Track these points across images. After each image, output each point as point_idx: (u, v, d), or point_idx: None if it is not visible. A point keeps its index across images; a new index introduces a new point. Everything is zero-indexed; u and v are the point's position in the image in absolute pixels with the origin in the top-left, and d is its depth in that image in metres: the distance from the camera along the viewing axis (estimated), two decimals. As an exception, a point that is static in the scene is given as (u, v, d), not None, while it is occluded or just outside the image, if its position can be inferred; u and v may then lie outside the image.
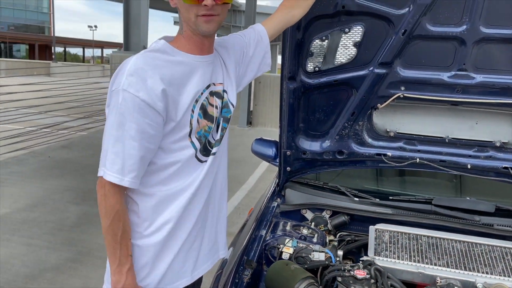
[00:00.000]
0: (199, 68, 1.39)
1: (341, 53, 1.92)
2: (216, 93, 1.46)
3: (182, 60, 1.36)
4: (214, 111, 1.45)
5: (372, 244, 1.74)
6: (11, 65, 28.01)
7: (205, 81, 1.41)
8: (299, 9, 1.66)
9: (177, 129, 1.35)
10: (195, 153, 1.42)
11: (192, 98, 1.36)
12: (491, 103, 1.93)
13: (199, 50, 1.39)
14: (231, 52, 1.57)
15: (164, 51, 1.33)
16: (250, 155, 7.32)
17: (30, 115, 8.21)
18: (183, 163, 1.40)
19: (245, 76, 1.65)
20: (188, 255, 1.49)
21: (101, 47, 53.91)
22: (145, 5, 10.23)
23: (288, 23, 1.68)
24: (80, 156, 6.81)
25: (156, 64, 1.28)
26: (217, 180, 1.57)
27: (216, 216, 1.62)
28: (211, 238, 1.60)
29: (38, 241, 3.77)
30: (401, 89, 1.97)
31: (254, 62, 1.65)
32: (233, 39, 1.62)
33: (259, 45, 1.64)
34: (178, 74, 1.33)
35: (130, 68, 1.25)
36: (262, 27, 1.65)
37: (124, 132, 1.24)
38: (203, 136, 1.43)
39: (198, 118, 1.38)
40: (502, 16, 1.73)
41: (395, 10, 1.78)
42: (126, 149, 1.25)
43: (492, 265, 1.63)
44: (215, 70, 1.47)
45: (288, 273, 1.58)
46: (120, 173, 1.26)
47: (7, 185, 5.24)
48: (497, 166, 2.05)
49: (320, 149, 2.17)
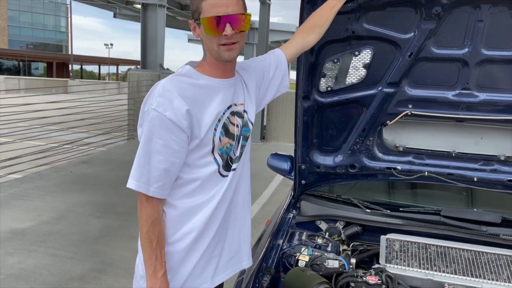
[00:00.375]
0: (221, 90, 1.51)
1: (351, 74, 2.03)
2: (237, 113, 1.57)
3: (206, 83, 1.48)
4: (235, 129, 1.56)
5: (383, 253, 1.82)
6: (30, 83, 28.83)
7: (227, 102, 1.53)
8: (314, 35, 1.78)
9: (201, 146, 1.46)
10: (218, 168, 1.53)
11: (214, 117, 1.47)
12: (494, 119, 2.02)
13: (221, 74, 1.52)
14: (252, 74, 1.68)
15: (189, 76, 1.47)
16: (264, 170, 7.46)
17: (52, 132, 8.50)
18: (207, 178, 1.51)
19: (265, 97, 1.76)
20: (208, 262, 1.59)
21: (116, 64, 54.81)
22: (161, 25, 10.56)
23: (305, 47, 1.80)
24: (100, 171, 7.01)
25: (182, 87, 1.41)
26: (239, 194, 1.66)
27: (239, 228, 1.70)
28: (232, 247, 1.68)
29: (63, 252, 3.93)
30: (409, 107, 2.07)
31: (273, 84, 1.76)
32: (254, 62, 1.74)
33: (279, 68, 1.75)
34: (201, 96, 1.45)
35: (159, 90, 1.39)
36: (281, 52, 1.77)
37: (151, 146, 1.37)
38: (225, 152, 1.54)
39: (220, 136, 1.50)
40: (502, 39, 1.83)
41: (402, 35, 1.89)
42: (152, 162, 1.38)
43: (498, 272, 1.70)
44: (236, 92, 1.58)
45: (305, 278, 1.67)
46: (146, 183, 1.39)
47: (31, 199, 5.45)
48: (502, 179, 2.13)
49: (333, 163, 2.27)
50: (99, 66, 55.50)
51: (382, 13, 1.86)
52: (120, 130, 10.41)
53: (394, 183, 2.47)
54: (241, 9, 1.42)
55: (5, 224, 4.57)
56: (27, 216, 4.85)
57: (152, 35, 10.42)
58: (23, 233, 4.34)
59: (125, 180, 1.42)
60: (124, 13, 17.64)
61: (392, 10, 1.85)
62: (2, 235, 4.27)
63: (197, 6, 1.42)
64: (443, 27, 1.85)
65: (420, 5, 1.80)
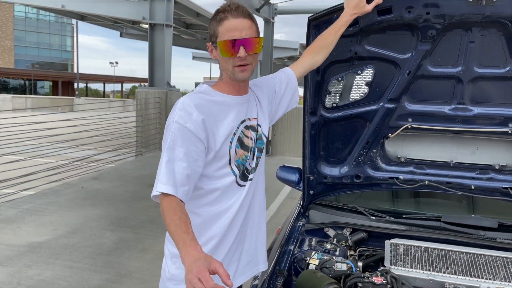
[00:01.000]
0: (235, 106, 1.65)
1: (355, 91, 2.17)
2: (251, 127, 1.70)
3: (221, 100, 1.62)
4: (250, 142, 1.69)
5: (388, 256, 1.94)
6: (36, 101, 29.20)
7: (240, 117, 1.66)
8: (321, 56, 1.92)
9: (218, 158, 1.59)
10: (235, 179, 1.65)
11: (229, 131, 1.60)
12: (488, 131, 2.15)
13: (236, 92, 1.66)
14: (265, 91, 1.82)
15: (206, 93, 1.62)
16: (271, 184, 7.64)
17: (61, 149, 8.71)
18: (226, 188, 1.63)
19: (277, 112, 1.89)
20: (229, 266, 1.69)
21: (121, 82, 55.35)
22: (168, 44, 10.83)
23: (312, 66, 1.94)
24: (111, 187, 7.17)
25: (199, 102, 1.56)
26: (255, 202, 1.78)
27: (256, 234, 1.82)
28: (249, 252, 1.80)
29: (80, 264, 4.07)
30: (409, 120, 2.21)
31: (284, 100, 1.90)
32: (266, 80, 1.88)
33: (289, 85, 1.89)
34: (217, 111, 1.59)
35: (179, 106, 1.54)
36: (291, 71, 1.91)
37: (174, 154, 1.48)
38: (241, 164, 1.66)
39: (235, 149, 1.63)
40: (492, 58, 1.96)
41: (400, 55, 2.03)
42: (176, 168, 1.46)
43: (495, 272, 1.82)
44: (250, 107, 1.71)
45: (315, 279, 1.79)
46: (174, 186, 1.44)
47: (46, 214, 5.61)
48: (498, 187, 2.25)
49: (339, 174, 2.40)
50: (104, 84, 56.06)
51: (382, 35, 2.00)
52: (128, 147, 10.61)
53: (397, 191, 2.60)
54: (254, 33, 1.56)
55: (22, 238, 4.73)
56: (43, 230, 5.01)
57: (159, 54, 10.70)
58: (40, 247, 4.49)
59: (135, 195, 1.54)
60: (130, 33, 18.00)
61: (391, 33, 1.99)
62: (20, 249, 4.42)
63: (214, 31, 1.57)
64: (438, 48, 1.98)
65: (416, 29, 1.93)
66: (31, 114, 11.66)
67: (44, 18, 60.62)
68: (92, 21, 16.12)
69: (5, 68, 49.25)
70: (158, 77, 10.70)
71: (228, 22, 1.53)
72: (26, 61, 57.45)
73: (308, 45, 1.98)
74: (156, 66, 10.71)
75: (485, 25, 1.87)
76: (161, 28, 10.79)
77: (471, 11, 1.81)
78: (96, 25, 17.04)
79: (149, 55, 10.87)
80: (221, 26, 1.54)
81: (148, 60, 10.88)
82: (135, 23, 15.03)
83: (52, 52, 63.33)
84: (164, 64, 10.64)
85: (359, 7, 1.84)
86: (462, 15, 1.84)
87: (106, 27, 17.46)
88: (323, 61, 1.95)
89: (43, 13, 56.64)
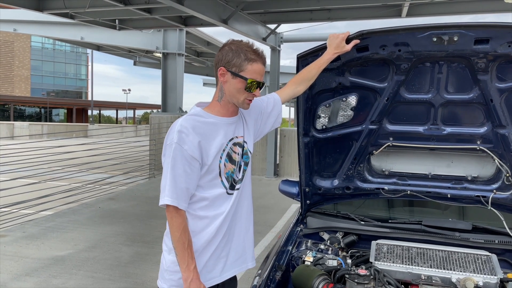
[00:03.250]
0: (225, 126, 1.88)
1: (341, 115, 2.43)
2: (238, 143, 1.93)
3: (213, 121, 1.85)
4: (237, 157, 1.92)
5: (373, 253, 2.21)
6: (52, 128, 30.04)
7: (229, 135, 1.89)
8: (302, 86, 2.19)
9: (209, 171, 1.83)
10: (225, 190, 1.89)
11: (219, 148, 1.83)
12: (460, 148, 2.41)
13: (228, 114, 1.90)
14: (251, 112, 2.04)
15: (200, 115, 1.85)
16: (278, 202, 7.98)
17: (77, 172, 9.14)
18: (217, 196, 1.87)
19: (263, 130, 2.14)
20: (217, 261, 1.93)
21: (133, 109, 56.16)
22: (180, 72, 11.35)
23: (294, 95, 2.21)
24: (126, 206, 7.54)
25: (195, 124, 1.79)
26: (242, 207, 2.00)
27: (243, 235, 2.03)
28: (237, 251, 2.01)
29: (100, 275, 4.41)
30: (390, 139, 2.46)
31: (270, 120, 2.15)
32: (254, 102, 2.02)
33: (275, 108, 2.15)
34: (210, 131, 1.82)
35: (178, 127, 1.76)
36: (277, 96, 2.18)
37: (175, 172, 1.74)
38: (230, 176, 1.90)
39: (225, 163, 1.86)
40: (459, 85, 2.19)
41: (379, 84, 2.28)
42: (177, 183, 1.74)
43: (466, 266, 2.04)
44: (237, 126, 1.94)
45: (309, 271, 2.10)
46: (177, 199, 1.75)
47: (67, 231, 5.99)
48: (471, 195, 2.50)
49: (331, 186, 2.68)
50: (117, 110, 57.00)
51: (362, 68, 2.28)
52: (141, 170, 11.02)
53: (383, 200, 2.89)
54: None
55: (46, 252, 5.10)
56: (65, 245, 5.37)
57: (171, 81, 11.23)
58: (63, 260, 4.85)
59: (149, 213, 1.89)
60: (143, 61, 18.68)
61: (370, 65, 2.26)
62: (45, 261, 4.78)
63: (240, 63, 1.79)
64: (411, 78, 2.22)
65: (391, 63, 2.17)
66: (46, 139, 12.16)
67: (60, 48, 62.45)
68: (107, 51, 16.86)
69: (21, 97, 50.50)
70: (170, 103, 11.20)
71: (257, 65, 1.81)
72: (42, 90, 58.77)
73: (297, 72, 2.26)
74: (169, 93, 11.23)
75: (449, 60, 2.11)
76: (174, 57, 11.35)
77: (436, 49, 2.05)
78: (111, 54, 17.78)
79: (162, 82, 11.40)
80: (251, 65, 1.79)
81: (161, 87, 11.42)
82: (149, 52, 15.67)
83: (67, 80, 64.77)
84: (176, 90, 11.14)
85: (340, 47, 2.11)
86: (429, 52, 2.07)
87: (121, 56, 18.18)
88: (304, 91, 2.22)
89: (59, 44, 58.36)
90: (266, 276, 2.15)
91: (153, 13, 8.90)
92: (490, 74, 2.12)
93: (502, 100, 2.18)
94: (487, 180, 2.48)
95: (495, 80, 2.13)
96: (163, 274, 1.93)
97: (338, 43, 2.12)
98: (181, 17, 9.76)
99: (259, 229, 6.04)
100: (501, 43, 1.98)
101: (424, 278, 2.04)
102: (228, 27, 8.55)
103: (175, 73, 11.18)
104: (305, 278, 2.09)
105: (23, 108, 52.48)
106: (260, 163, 11.45)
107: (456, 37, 1.99)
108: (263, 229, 6.14)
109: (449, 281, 2.01)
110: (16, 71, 55.72)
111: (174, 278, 1.88)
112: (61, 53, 63.48)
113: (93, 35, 11.99)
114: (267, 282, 2.11)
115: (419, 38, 2.05)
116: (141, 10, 8.70)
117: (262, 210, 7.05)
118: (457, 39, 2.00)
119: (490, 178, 2.48)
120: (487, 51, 2.02)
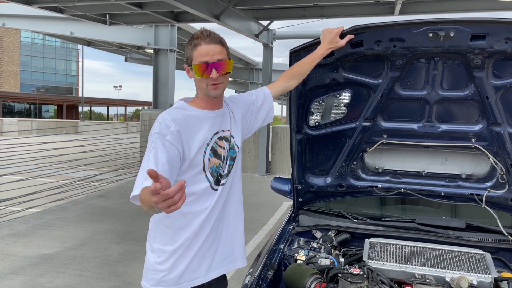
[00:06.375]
0: (209, 120, 1.83)
1: (335, 112, 2.39)
2: (224, 138, 1.88)
3: (196, 114, 1.81)
4: (223, 151, 1.86)
5: (366, 252, 2.19)
6: (42, 124, 29.68)
7: (214, 129, 1.84)
8: (294, 81, 2.13)
9: (193, 166, 1.76)
10: (209, 184, 1.83)
11: (202, 142, 1.78)
12: (454, 145, 2.39)
13: (210, 107, 1.85)
14: (240, 106, 2.01)
15: (183, 108, 1.82)
16: (270, 200, 7.95)
17: (66, 169, 9.04)
18: (202, 192, 1.81)
19: (254, 125, 2.09)
20: (202, 260, 1.87)
21: (124, 106, 55.75)
22: (171, 68, 11.27)
23: (286, 89, 2.15)
24: (116, 204, 7.46)
25: (176, 116, 1.75)
26: (230, 205, 1.94)
27: (232, 234, 1.97)
28: (225, 250, 1.94)
29: (88, 273, 4.33)
30: (384, 136, 2.44)
31: (261, 115, 2.10)
32: (242, 97, 2.07)
33: (265, 102, 2.10)
34: (192, 124, 1.78)
35: (159, 119, 1.73)
36: (268, 90, 2.13)
37: (157, 160, 1.61)
38: (215, 171, 1.84)
39: (209, 157, 1.81)
40: (454, 82, 2.17)
41: (373, 80, 2.24)
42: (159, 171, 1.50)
43: (460, 265, 2.03)
44: (224, 120, 1.89)
45: (301, 271, 2.07)
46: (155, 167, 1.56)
47: (55, 229, 5.89)
48: (465, 193, 2.49)
49: (324, 184, 2.66)
50: (108, 107, 56.58)
51: (356, 64, 2.24)
52: (132, 167, 10.92)
53: (376, 198, 2.87)
54: (224, 56, 1.75)
55: (33, 250, 5.00)
56: (53, 243, 5.28)
57: (163, 78, 11.14)
58: (51, 258, 4.76)
59: (140, 211, 1.79)
60: (135, 57, 18.52)
61: (364, 61, 2.23)
62: (32, 260, 4.69)
63: (189, 54, 1.76)
64: (406, 74, 2.19)
65: (386, 59, 2.14)
66: (35, 135, 12.01)
67: (50, 43, 61.84)
68: (98, 47, 16.67)
69: (10, 93, 49.86)
70: (162, 99, 11.11)
71: (201, 47, 1.73)
72: (31, 86, 58.26)
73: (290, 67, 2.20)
74: (160, 89, 11.14)
75: (445, 56, 2.08)
76: (165, 53, 11.26)
77: (432, 45, 2.02)
78: (101, 50, 17.59)
79: (153, 78, 11.31)
80: (195, 51, 1.73)
81: (152, 83, 11.32)
82: (140, 48, 15.52)
83: (57, 76, 64.28)
84: (168, 87, 11.06)
85: (334, 42, 2.06)
86: (424, 48, 2.04)
87: (111, 52, 18.00)
88: (296, 85, 2.16)
89: (49, 39, 57.81)
90: (257, 275, 2.12)
91: (144, 7, 8.79)
92: (486, 71, 2.09)
93: (498, 97, 2.16)
94: (481, 178, 2.48)
95: (491, 77, 2.11)
96: (146, 273, 1.90)
97: (332, 38, 2.08)
98: (173, 12, 9.66)
99: (251, 227, 6.00)
100: (498, 39, 1.95)
101: (418, 277, 2.02)
102: (221, 23, 8.48)
103: (167, 70, 11.10)
104: (297, 277, 2.06)
105: (12, 104, 51.85)
106: (252, 160, 11.42)
107: (452, 32, 1.96)
108: (254, 227, 6.10)
109: (443, 280, 1.99)
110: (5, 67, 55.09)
111: (156, 277, 1.85)
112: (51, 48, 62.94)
113: (83, 30, 11.83)
114: (258, 281, 2.08)
115: (415, 34, 2.02)
116: (132, 5, 8.58)
117: (254, 208, 7.01)
118: (453, 35, 1.97)
119: (484, 176, 2.47)
120: (483, 47, 1.99)
